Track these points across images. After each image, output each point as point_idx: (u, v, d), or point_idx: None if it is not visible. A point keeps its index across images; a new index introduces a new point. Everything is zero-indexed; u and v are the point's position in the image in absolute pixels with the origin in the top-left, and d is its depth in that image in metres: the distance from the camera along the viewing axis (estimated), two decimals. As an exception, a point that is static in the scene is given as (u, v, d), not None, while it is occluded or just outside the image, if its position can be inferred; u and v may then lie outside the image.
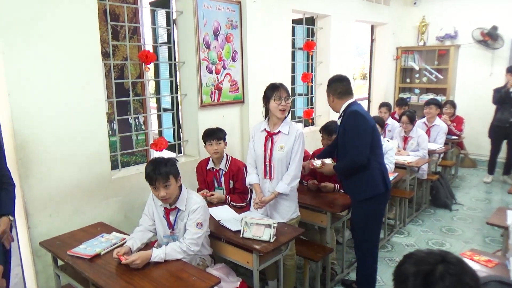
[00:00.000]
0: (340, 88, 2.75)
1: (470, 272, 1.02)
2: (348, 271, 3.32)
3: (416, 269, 1.02)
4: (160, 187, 2.22)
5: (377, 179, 2.69)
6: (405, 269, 1.04)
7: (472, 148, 6.51)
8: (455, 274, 0.99)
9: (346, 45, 5.65)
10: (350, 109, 2.69)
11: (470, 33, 6.29)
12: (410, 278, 1.01)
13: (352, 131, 2.65)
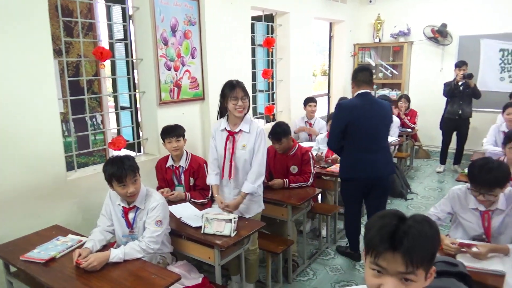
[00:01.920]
0: (360, 77, 3.06)
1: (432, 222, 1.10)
2: (309, 261, 3.41)
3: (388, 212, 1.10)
4: (130, 183, 2.21)
5: (344, 165, 3.14)
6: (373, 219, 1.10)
7: (426, 140, 6.83)
8: (425, 218, 1.07)
9: (305, 42, 5.75)
10: (340, 100, 3.17)
11: (422, 30, 6.59)
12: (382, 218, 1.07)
13: (332, 121, 3.16)
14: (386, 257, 1.02)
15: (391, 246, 1.01)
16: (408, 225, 1.03)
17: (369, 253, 1.06)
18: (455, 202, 2.30)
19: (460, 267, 1.74)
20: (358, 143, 3.03)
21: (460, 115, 5.56)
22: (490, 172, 2.01)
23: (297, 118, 5.31)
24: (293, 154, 3.41)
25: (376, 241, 1.04)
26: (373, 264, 1.04)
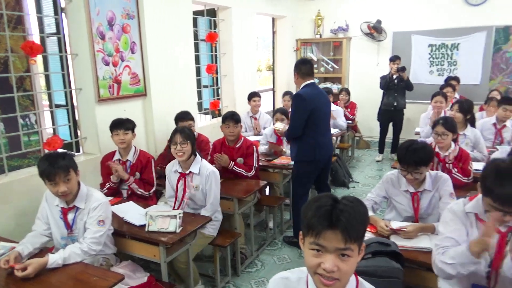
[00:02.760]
0: (304, 70, 3.34)
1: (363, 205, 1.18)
2: (257, 253, 3.47)
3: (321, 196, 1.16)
4: (60, 181, 2.10)
5: (306, 149, 3.36)
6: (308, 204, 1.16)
7: (365, 131, 7.19)
8: (356, 199, 1.16)
9: (248, 37, 5.80)
10: (298, 91, 3.38)
11: (359, 27, 6.91)
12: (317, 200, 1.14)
13: (293, 110, 3.38)
14: (325, 236, 1.08)
15: (329, 224, 1.08)
16: (343, 204, 1.11)
17: (309, 234, 1.11)
18: (388, 186, 2.46)
19: (392, 246, 1.88)
20: (317, 128, 3.35)
21: (395, 106, 5.91)
22: (416, 151, 2.18)
23: (242, 113, 5.35)
24: (239, 146, 3.49)
25: (315, 221, 1.09)
26: (313, 244, 1.10)
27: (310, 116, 3.26)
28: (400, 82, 5.80)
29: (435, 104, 4.42)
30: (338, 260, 1.09)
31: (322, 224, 1.08)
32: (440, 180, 2.32)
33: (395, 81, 5.84)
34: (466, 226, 1.67)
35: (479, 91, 6.13)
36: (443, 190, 2.31)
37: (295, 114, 3.32)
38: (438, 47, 6.50)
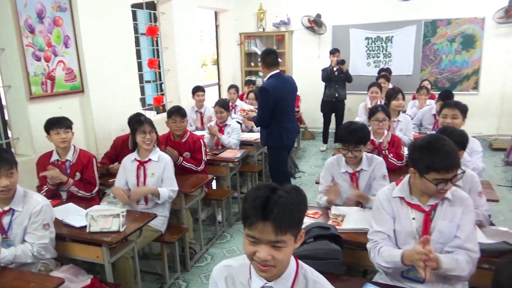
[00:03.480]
0: (268, 60, 3.54)
1: (302, 190, 1.21)
2: (207, 247, 3.48)
3: (260, 186, 1.17)
4: (3, 175, 2.01)
5: (275, 136, 3.64)
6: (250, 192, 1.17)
7: (310, 122, 7.39)
8: (293, 187, 1.18)
9: (191, 31, 5.72)
10: (263, 84, 3.61)
11: (300, 20, 7.07)
12: (255, 191, 1.15)
13: (259, 102, 3.63)
14: (257, 228, 1.10)
15: (262, 216, 1.09)
16: (278, 195, 1.12)
17: (245, 224, 1.13)
18: (331, 169, 2.59)
19: (332, 229, 1.97)
20: (283, 116, 3.60)
21: (337, 97, 6.15)
22: (355, 131, 2.38)
23: (187, 108, 5.28)
24: (185, 141, 3.48)
25: (250, 212, 1.12)
26: (248, 236, 1.13)
27: (275, 106, 3.49)
28: (340, 74, 6.04)
29: (371, 95, 4.67)
30: (272, 250, 1.11)
31: (255, 215, 1.10)
32: (376, 162, 2.49)
33: (335, 73, 6.06)
34: (393, 212, 1.78)
35: (411, 81, 6.55)
36: (378, 172, 2.48)
37: (262, 106, 3.57)
38: (374, 40, 6.83)
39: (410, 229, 1.73)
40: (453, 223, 1.68)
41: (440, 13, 6.42)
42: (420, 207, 1.72)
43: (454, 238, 1.68)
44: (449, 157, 1.59)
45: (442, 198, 1.69)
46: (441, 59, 6.57)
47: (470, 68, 6.46)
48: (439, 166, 1.58)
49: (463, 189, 2.21)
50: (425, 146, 1.64)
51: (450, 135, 2.20)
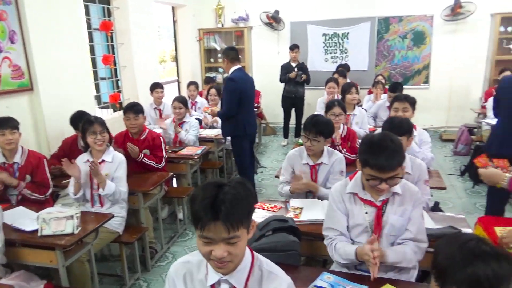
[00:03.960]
0: (231, 55, 3.80)
1: (249, 183, 1.22)
2: (168, 246, 3.43)
3: (207, 184, 1.16)
4: None
5: (238, 126, 3.84)
6: (197, 191, 1.15)
7: (271, 118, 7.46)
8: (240, 182, 1.18)
9: (148, 26, 5.58)
10: (231, 75, 3.77)
11: (258, 16, 7.09)
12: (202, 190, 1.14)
13: (226, 93, 3.79)
14: (209, 228, 1.10)
15: (212, 217, 1.09)
16: (224, 192, 1.11)
17: (197, 225, 1.12)
18: (292, 160, 2.65)
19: (289, 222, 2.00)
20: (245, 108, 3.83)
21: (296, 93, 6.26)
22: (318, 122, 2.48)
23: (145, 105, 5.16)
24: (144, 138, 3.41)
25: (200, 213, 1.10)
26: (201, 237, 1.12)
27: (241, 96, 3.74)
28: (299, 71, 6.17)
29: (329, 90, 4.78)
30: (227, 246, 1.12)
31: (206, 216, 1.09)
32: (336, 157, 2.56)
33: (295, 70, 6.17)
34: (346, 208, 1.84)
35: (367, 76, 6.76)
36: (337, 167, 2.56)
37: (229, 96, 3.76)
38: (331, 36, 6.99)
39: (363, 224, 1.79)
40: (404, 217, 1.75)
41: (392, 10, 6.67)
42: (372, 202, 1.77)
43: (406, 231, 1.76)
44: (385, 158, 1.59)
45: (393, 193, 1.75)
46: (394, 54, 6.84)
47: (421, 64, 6.77)
48: (372, 163, 1.62)
49: (412, 176, 2.35)
50: (369, 142, 1.70)
51: (399, 124, 2.33)
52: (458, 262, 0.98)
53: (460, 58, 6.54)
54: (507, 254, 0.99)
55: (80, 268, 2.42)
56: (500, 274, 0.94)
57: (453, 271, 0.98)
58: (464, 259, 0.97)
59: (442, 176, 3.04)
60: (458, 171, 5.05)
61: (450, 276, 0.98)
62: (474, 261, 0.96)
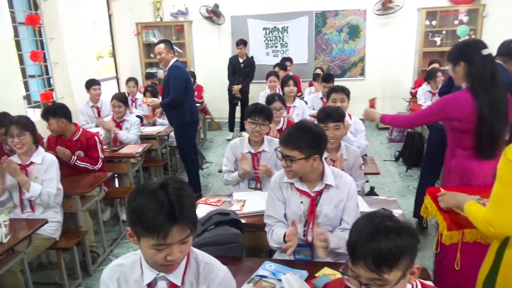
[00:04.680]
0: (171, 47, 3.97)
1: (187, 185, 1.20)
2: (111, 248, 3.32)
3: (148, 191, 1.10)
4: None
5: (186, 113, 3.96)
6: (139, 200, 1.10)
7: (216, 113, 7.41)
8: (177, 180, 1.16)
9: (81, 20, 5.29)
10: (174, 63, 3.90)
11: (198, 10, 7.00)
12: (147, 200, 1.09)
13: (174, 80, 3.85)
14: (171, 234, 1.07)
15: (172, 222, 1.07)
16: (177, 195, 1.09)
17: (151, 236, 1.07)
18: (234, 150, 2.72)
19: (231, 215, 2.02)
20: (190, 95, 4.03)
21: (241, 88, 6.32)
22: (263, 108, 2.66)
23: (82, 103, 4.92)
24: (77, 139, 3.22)
25: (157, 223, 1.06)
26: (157, 246, 1.08)
27: (185, 84, 3.88)
28: (246, 68, 6.26)
29: (270, 84, 4.86)
30: (180, 247, 1.12)
31: (165, 225, 1.06)
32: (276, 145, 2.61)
33: (241, 65, 6.25)
34: (283, 197, 1.90)
35: (307, 69, 6.95)
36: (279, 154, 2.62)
37: (177, 83, 3.85)
38: (271, 30, 7.09)
39: (298, 213, 1.85)
40: (338, 208, 1.84)
41: (328, 4, 6.90)
42: (307, 192, 1.84)
43: (342, 221, 1.85)
44: (288, 136, 1.76)
45: (326, 184, 1.82)
46: (331, 48, 7.08)
47: (357, 56, 7.09)
48: (281, 139, 1.80)
49: (348, 162, 2.48)
50: (290, 128, 1.82)
51: (336, 111, 2.51)
52: (364, 237, 1.04)
53: (391, 50, 6.93)
54: (409, 228, 1.07)
55: (12, 279, 2.27)
56: (401, 247, 1.02)
57: (360, 246, 1.04)
58: (369, 234, 1.04)
59: (378, 162, 3.24)
60: (393, 157, 5.37)
61: (357, 251, 1.05)
62: (377, 236, 1.03)
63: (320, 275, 1.61)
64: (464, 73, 2.11)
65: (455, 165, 2.25)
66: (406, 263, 1.04)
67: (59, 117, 3.09)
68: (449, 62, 2.22)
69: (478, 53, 2.07)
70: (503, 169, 1.38)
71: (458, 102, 2.11)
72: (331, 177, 1.83)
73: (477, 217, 1.46)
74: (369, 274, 1.03)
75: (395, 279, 1.03)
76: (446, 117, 2.22)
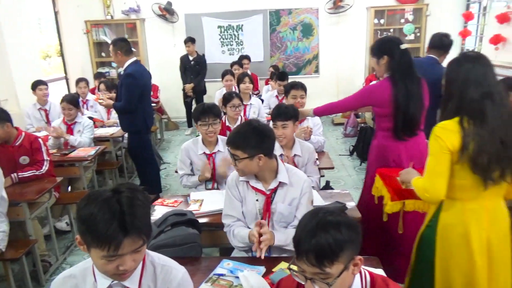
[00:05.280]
0: (125, 47, 3.64)
1: (137, 186, 1.17)
2: (64, 256, 3.18)
3: (99, 199, 1.05)
4: None
5: (139, 120, 3.78)
6: (89, 208, 1.04)
7: (173, 113, 7.28)
8: (131, 187, 1.11)
9: (24, 18, 5.00)
10: (127, 70, 3.63)
11: (151, 7, 6.84)
12: (97, 208, 1.03)
13: (125, 89, 3.63)
14: (123, 245, 1.04)
15: (123, 233, 1.03)
16: (129, 205, 1.05)
17: (101, 247, 1.03)
18: (188, 152, 2.67)
19: (188, 215, 2.01)
20: (145, 101, 3.82)
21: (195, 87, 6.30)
22: (209, 107, 2.61)
23: (28, 106, 4.66)
24: (20, 144, 3.03)
25: (107, 234, 1.02)
26: (108, 257, 1.04)
27: (141, 92, 3.68)
28: (196, 66, 6.21)
29: (226, 83, 4.85)
30: (133, 256, 1.09)
31: (118, 236, 1.02)
32: None
33: (191, 63, 6.18)
34: (240, 195, 1.91)
35: (263, 67, 6.99)
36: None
37: (129, 92, 3.62)
38: (226, 28, 7.07)
39: (254, 211, 1.88)
40: (292, 205, 1.86)
41: (282, 3, 6.99)
42: (262, 190, 1.86)
43: (295, 218, 1.88)
44: (233, 136, 1.79)
45: (280, 182, 1.85)
46: (286, 46, 7.19)
47: (311, 54, 7.24)
48: (227, 139, 1.83)
49: (303, 158, 2.54)
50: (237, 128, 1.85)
51: (286, 110, 2.55)
52: (305, 233, 1.08)
53: (343, 48, 7.15)
54: (349, 222, 1.11)
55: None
56: (341, 241, 1.06)
57: (302, 242, 1.08)
58: (310, 230, 1.08)
59: (334, 157, 3.34)
60: (348, 151, 5.55)
61: (300, 246, 1.08)
62: (318, 232, 1.06)
63: (277, 270, 1.65)
64: (386, 65, 2.36)
65: (375, 144, 2.53)
66: (347, 256, 1.08)
67: (3, 122, 2.88)
68: (373, 56, 2.45)
69: (397, 48, 2.32)
70: (433, 145, 1.59)
71: (380, 89, 2.37)
72: (285, 175, 1.86)
73: (418, 186, 1.67)
74: (312, 268, 1.07)
75: (337, 272, 1.07)
76: (370, 103, 2.48)
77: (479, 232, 1.58)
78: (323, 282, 1.07)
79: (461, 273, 1.62)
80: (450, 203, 1.63)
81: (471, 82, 1.55)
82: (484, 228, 1.59)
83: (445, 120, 1.59)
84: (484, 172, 1.51)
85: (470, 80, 1.56)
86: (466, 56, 1.66)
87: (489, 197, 1.60)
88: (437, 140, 1.56)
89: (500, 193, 1.63)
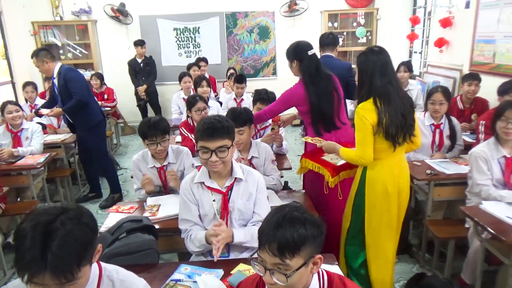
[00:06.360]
0: (50, 54, 3.78)
1: (86, 213, 1.10)
2: (12, 271, 3.00)
3: (35, 222, 0.99)
4: None
5: (95, 111, 3.94)
6: (24, 226, 1.00)
7: (129, 116, 7.09)
8: (74, 218, 1.04)
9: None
10: (62, 71, 3.73)
11: (103, 9, 6.63)
12: (28, 231, 0.98)
13: (74, 82, 3.73)
14: (35, 276, 0.97)
15: (44, 270, 0.97)
16: (59, 243, 0.98)
17: (19, 273, 0.98)
18: (138, 166, 2.58)
19: (144, 221, 1.96)
20: (91, 94, 4.01)
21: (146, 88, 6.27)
22: (156, 123, 2.41)
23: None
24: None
25: (25, 264, 0.97)
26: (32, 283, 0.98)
27: (86, 83, 3.90)
28: (146, 67, 6.21)
29: (184, 85, 4.81)
30: None
31: (33, 268, 0.96)
32: (182, 153, 2.58)
33: (141, 65, 6.14)
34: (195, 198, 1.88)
35: (222, 69, 6.99)
36: (186, 162, 2.60)
37: (78, 83, 3.75)
38: (182, 30, 6.99)
39: (212, 211, 1.86)
40: (250, 201, 1.88)
41: (238, 6, 7.01)
42: (218, 189, 1.85)
43: (254, 214, 1.89)
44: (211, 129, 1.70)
45: (235, 178, 1.85)
46: (243, 48, 7.22)
47: (268, 56, 7.32)
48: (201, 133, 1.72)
49: (260, 159, 2.56)
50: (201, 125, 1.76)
51: (239, 114, 2.54)
52: (271, 225, 1.12)
53: (300, 50, 7.28)
54: (315, 219, 1.16)
55: None
56: (304, 235, 1.10)
57: (266, 232, 1.11)
58: (275, 222, 1.12)
59: (292, 158, 3.39)
60: (306, 151, 5.65)
61: (264, 237, 1.12)
62: (283, 224, 1.11)
63: (235, 272, 1.65)
64: (297, 68, 2.66)
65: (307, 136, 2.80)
66: (308, 252, 1.11)
67: None
68: (287, 59, 2.73)
69: (305, 53, 2.60)
70: (358, 122, 2.08)
71: (296, 91, 2.66)
72: (240, 172, 1.87)
73: (351, 156, 2.16)
74: (273, 259, 1.09)
75: (296, 265, 1.09)
76: (292, 104, 2.75)
77: (393, 180, 2.15)
78: (281, 273, 1.09)
79: (382, 213, 2.19)
80: (373, 163, 2.14)
81: (377, 72, 2.03)
82: (396, 176, 2.16)
83: (361, 103, 2.06)
84: (394, 138, 2.06)
85: (376, 70, 2.03)
86: (372, 50, 2.09)
87: (397, 155, 2.17)
88: (362, 119, 2.04)
89: (403, 151, 2.22)
